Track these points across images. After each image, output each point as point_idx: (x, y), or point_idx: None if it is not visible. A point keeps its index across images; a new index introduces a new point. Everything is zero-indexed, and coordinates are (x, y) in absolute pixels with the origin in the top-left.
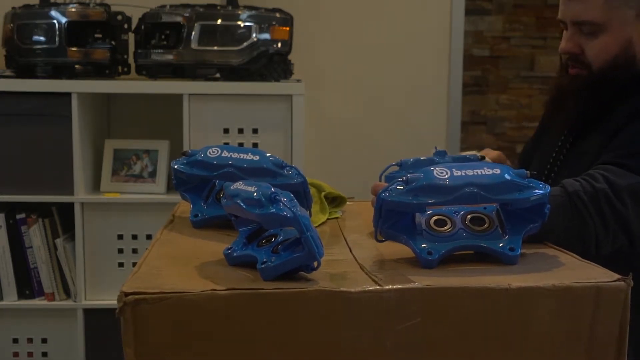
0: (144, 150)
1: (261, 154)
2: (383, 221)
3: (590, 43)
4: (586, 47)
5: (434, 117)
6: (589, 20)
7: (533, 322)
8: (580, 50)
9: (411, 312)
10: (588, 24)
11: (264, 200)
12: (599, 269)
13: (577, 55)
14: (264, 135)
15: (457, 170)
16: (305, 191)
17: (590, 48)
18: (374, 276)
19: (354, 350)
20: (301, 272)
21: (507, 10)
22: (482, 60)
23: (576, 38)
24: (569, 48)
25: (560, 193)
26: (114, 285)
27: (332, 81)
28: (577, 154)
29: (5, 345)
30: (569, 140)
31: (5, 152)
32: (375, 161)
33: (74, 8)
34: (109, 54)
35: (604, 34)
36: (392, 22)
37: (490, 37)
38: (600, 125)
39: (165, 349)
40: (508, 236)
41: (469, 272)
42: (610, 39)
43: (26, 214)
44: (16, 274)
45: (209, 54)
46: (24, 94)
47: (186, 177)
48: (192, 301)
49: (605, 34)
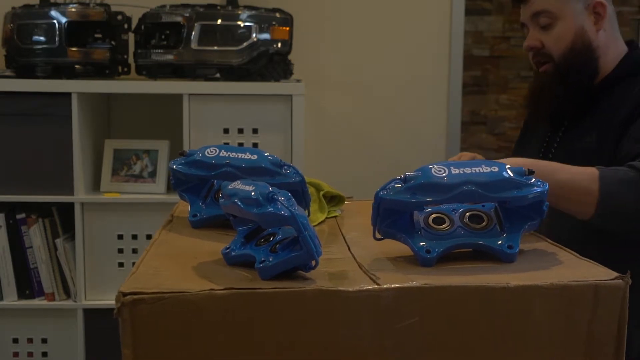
0: (144, 150)
1: (259, 154)
2: (381, 220)
3: (548, 35)
4: (545, 39)
5: (434, 117)
6: (544, 9)
7: (531, 321)
8: (540, 43)
9: (409, 311)
10: (544, 14)
11: (261, 199)
12: (597, 267)
13: (539, 49)
14: (264, 135)
15: (455, 168)
16: (304, 190)
17: (549, 39)
18: (373, 275)
19: (352, 349)
20: (299, 271)
21: (507, 10)
22: (482, 60)
23: (535, 34)
24: (530, 43)
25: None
26: (114, 285)
27: (332, 81)
28: (570, 150)
29: (5, 345)
30: (557, 136)
31: (5, 152)
32: (375, 161)
33: (74, 8)
34: (109, 54)
35: (558, 24)
36: (392, 22)
37: (490, 37)
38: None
39: (163, 348)
40: (506, 234)
41: (468, 270)
42: (565, 28)
43: (26, 214)
44: (16, 274)
45: (209, 54)
46: (24, 94)
47: (184, 177)
48: (190, 301)
49: (560, 24)
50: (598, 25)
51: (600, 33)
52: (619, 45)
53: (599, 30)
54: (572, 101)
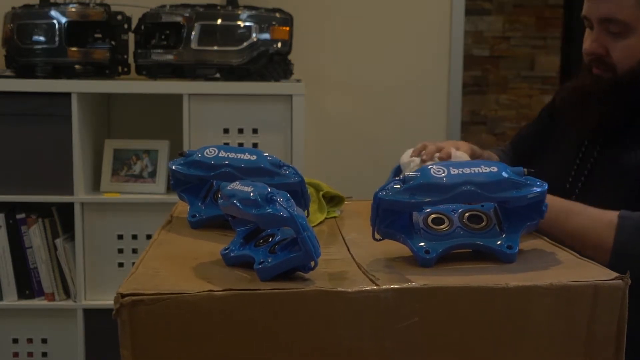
0: (144, 150)
1: (258, 154)
2: (380, 220)
3: (617, 44)
4: (612, 48)
5: (434, 117)
6: (619, 19)
7: (531, 321)
8: (606, 51)
9: (409, 311)
10: (616, 23)
11: (260, 200)
12: (597, 267)
13: (602, 56)
14: (263, 135)
15: (454, 168)
16: (303, 190)
17: (616, 49)
18: (372, 275)
19: (351, 349)
20: (298, 272)
21: (507, 10)
22: (482, 60)
23: (602, 38)
24: (594, 48)
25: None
26: (113, 285)
27: (332, 81)
28: (612, 165)
29: (5, 345)
30: (596, 148)
31: (5, 152)
32: (375, 161)
33: (74, 8)
34: (109, 54)
35: (631, 36)
36: (392, 23)
37: (490, 37)
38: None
39: (162, 350)
40: (506, 234)
41: (467, 270)
42: (638, 42)
43: (26, 214)
44: (16, 274)
45: (209, 54)
46: (24, 94)
47: (184, 178)
48: (189, 302)
49: (634, 36)
50: None
51: None
52: None
53: None
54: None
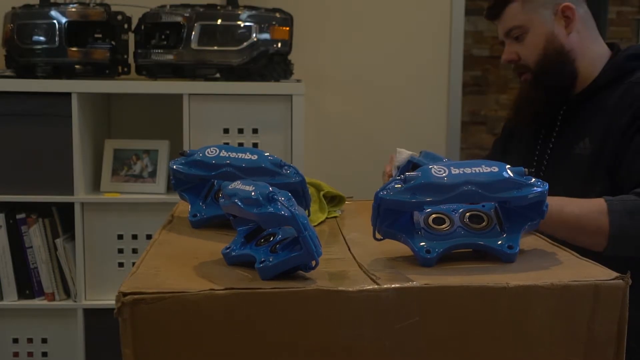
0: (144, 150)
1: (259, 154)
2: (381, 220)
3: (522, 46)
4: (520, 51)
5: (434, 117)
6: (515, 25)
7: (531, 321)
8: (517, 56)
9: (410, 311)
10: (515, 29)
11: (261, 199)
12: (597, 267)
13: (516, 61)
14: (264, 135)
15: (455, 168)
16: (304, 190)
17: (523, 50)
18: (373, 275)
19: (352, 349)
20: (300, 271)
21: None
22: (482, 60)
23: (511, 47)
24: (507, 56)
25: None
26: (114, 285)
27: (332, 81)
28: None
29: (5, 345)
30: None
31: (5, 152)
32: (375, 161)
33: (74, 8)
34: (109, 54)
35: (529, 35)
36: (392, 22)
37: (490, 37)
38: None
39: (163, 349)
40: (506, 234)
41: (468, 270)
42: (535, 37)
43: (26, 214)
44: (16, 274)
45: (209, 54)
46: (24, 94)
47: (185, 177)
48: (190, 301)
49: (531, 34)
50: (569, 29)
51: (571, 36)
52: (598, 47)
53: (570, 33)
54: (554, 104)
